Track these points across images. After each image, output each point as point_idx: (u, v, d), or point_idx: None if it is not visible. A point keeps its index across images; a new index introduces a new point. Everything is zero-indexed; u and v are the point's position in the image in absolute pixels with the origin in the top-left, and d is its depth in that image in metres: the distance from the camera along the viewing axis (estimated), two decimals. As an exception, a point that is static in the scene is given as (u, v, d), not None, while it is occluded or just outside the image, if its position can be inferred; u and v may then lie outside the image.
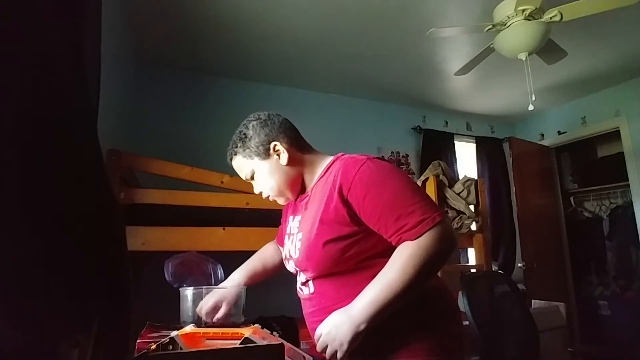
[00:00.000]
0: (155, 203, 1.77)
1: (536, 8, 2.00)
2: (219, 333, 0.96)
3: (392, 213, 0.86)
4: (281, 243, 1.27)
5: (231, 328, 1.03)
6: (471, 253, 3.27)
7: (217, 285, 1.27)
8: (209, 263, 1.51)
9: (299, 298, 1.08)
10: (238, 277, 1.23)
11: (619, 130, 3.50)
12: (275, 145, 1.05)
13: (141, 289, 2.12)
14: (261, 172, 1.07)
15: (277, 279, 1.31)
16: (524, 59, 2.16)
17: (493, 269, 3.03)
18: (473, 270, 2.72)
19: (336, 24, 2.44)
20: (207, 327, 1.05)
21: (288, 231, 1.12)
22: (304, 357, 0.91)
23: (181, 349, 0.73)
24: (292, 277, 1.11)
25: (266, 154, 1.05)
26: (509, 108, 3.94)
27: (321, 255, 0.93)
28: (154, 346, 0.72)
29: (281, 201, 1.14)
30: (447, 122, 3.99)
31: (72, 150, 0.58)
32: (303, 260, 0.99)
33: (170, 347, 0.73)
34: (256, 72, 3.07)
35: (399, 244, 0.87)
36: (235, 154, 1.09)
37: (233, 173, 1.17)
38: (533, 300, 2.88)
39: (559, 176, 4.18)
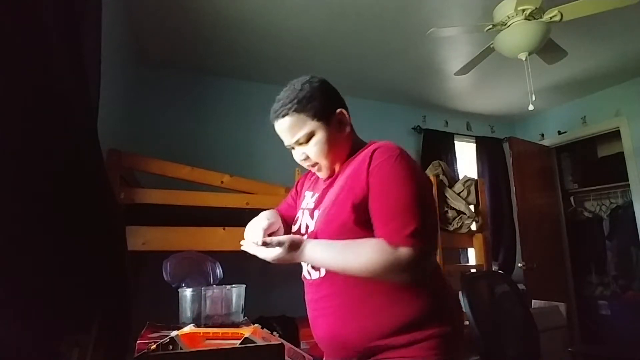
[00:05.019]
0: (155, 203, 1.77)
1: (536, 8, 2.00)
2: (219, 333, 0.96)
3: (392, 215, 0.87)
4: (284, 212, 1.20)
5: (231, 328, 1.03)
6: (471, 253, 3.27)
7: (216, 283, 1.26)
8: (208, 261, 1.51)
9: (303, 283, 1.05)
10: (269, 213, 1.14)
11: (619, 130, 3.50)
12: (341, 111, 1.00)
13: (141, 289, 2.12)
14: (320, 136, 0.98)
15: (277, 279, 1.31)
16: (524, 59, 2.16)
17: (493, 269, 3.03)
18: (473, 270, 2.72)
19: (336, 24, 2.44)
20: (207, 327, 1.05)
21: (304, 206, 1.08)
22: (304, 357, 0.91)
23: (181, 349, 0.73)
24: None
25: (329, 118, 0.99)
26: (509, 108, 3.94)
27: (346, 218, 0.91)
28: (154, 346, 0.72)
29: (322, 174, 1.06)
30: (447, 122, 3.98)
31: (72, 151, 0.58)
32: (324, 223, 0.95)
33: (170, 347, 0.73)
34: (256, 72, 3.06)
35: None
36: (294, 111, 0.96)
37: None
38: (533, 300, 2.88)
39: (559, 176, 4.18)
